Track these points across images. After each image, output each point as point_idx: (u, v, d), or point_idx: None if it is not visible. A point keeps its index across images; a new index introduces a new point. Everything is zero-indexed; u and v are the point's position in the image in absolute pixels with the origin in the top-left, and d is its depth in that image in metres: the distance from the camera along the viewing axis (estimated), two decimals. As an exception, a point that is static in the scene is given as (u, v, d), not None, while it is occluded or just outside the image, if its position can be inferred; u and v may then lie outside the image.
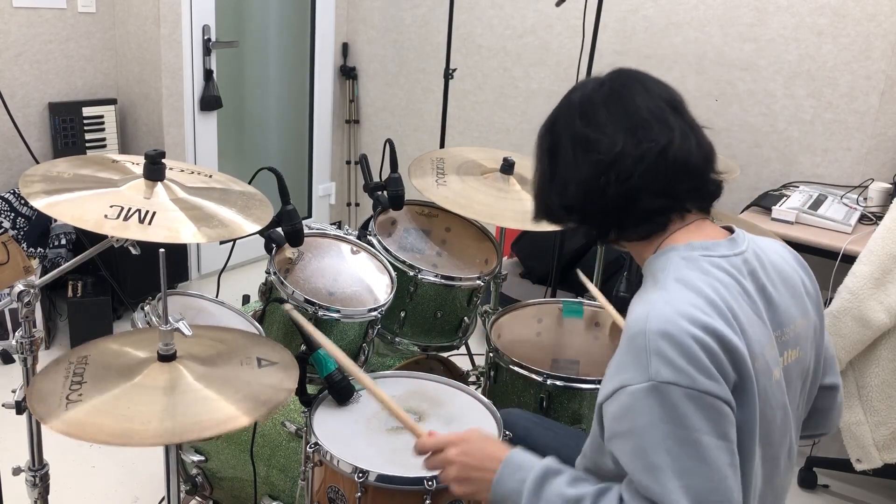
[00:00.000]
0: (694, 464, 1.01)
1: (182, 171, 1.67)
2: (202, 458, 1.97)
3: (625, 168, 1.15)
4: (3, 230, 3.10)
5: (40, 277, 1.51)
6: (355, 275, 1.90)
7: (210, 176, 1.69)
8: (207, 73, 3.59)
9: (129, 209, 1.41)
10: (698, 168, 1.18)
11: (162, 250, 1.27)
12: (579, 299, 2.15)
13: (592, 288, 1.95)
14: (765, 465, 1.16)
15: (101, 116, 3.42)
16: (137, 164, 1.61)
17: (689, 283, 1.10)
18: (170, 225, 1.41)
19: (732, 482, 1.03)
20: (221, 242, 3.67)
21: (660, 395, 1.02)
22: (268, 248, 1.81)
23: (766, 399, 1.11)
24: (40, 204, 1.39)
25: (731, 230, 1.23)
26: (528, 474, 1.16)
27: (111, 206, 1.41)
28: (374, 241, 1.99)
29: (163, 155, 1.52)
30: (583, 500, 1.10)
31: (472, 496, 1.24)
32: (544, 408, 1.81)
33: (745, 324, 1.10)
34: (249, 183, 1.75)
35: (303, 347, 1.60)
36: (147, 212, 1.42)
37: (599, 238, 1.25)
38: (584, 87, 1.23)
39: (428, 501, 1.38)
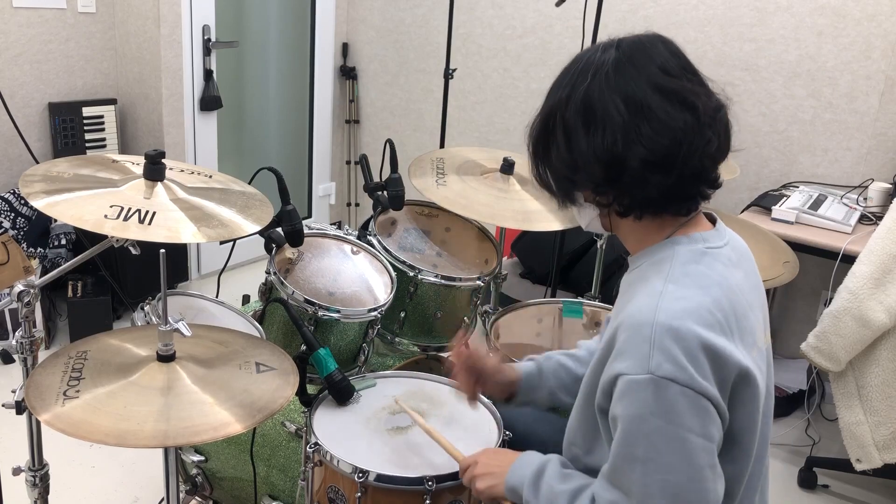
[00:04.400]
0: (676, 460, 1.02)
1: (182, 171, 1.67)
2: (202, 458, 1.97)
3: (714, 124, 1.10)
4: (3, 230, 3.09)
5: (40, 277, 1.51)
6: (355, 275, 1.90)
7: (210, 176, 1.69)
8: (207, 73, 3.59)
9: (129, 209, 1.41)
10: (730, 145, 1.17)
11: (162, 250, 1.27)
12: (579, 299, 2.15)
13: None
14: (762, 447, 1.18)
15: (101, 116, 3.42)
16: (137, 164, 1.61)
17: (698, 279, 1.10)
18: (170, 225, 1.41)
19: (711, 483, 1.04)
20: (221, 242, 3.67)
21: (656, 389, 1.02)
22: (268, 248, 1.81)
23: (765, 387, 1.14)
24: (40, 204, 1.38)
25: (709, 218, 1.23)
26: (530, 469, 1.23)
27: (111, 206, 1.41)
28: (374, 241, 1.99)
29: (163, 155, 1.51)
30: (560, 497, 1.17)
31: (492, 490, 1.30)
32: (544, 408, 1.81)
33: (744, 315, 1.11)
34: (249, 183, 1.75)
35: (303, 347, 1.60)
36: (147, 212, 1.42)
37: (635, 209, 1.14)
38: (630, 39, 1.14)
39: (428, 501, 1.38)
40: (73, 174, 1.51)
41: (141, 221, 1.39)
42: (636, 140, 1.08)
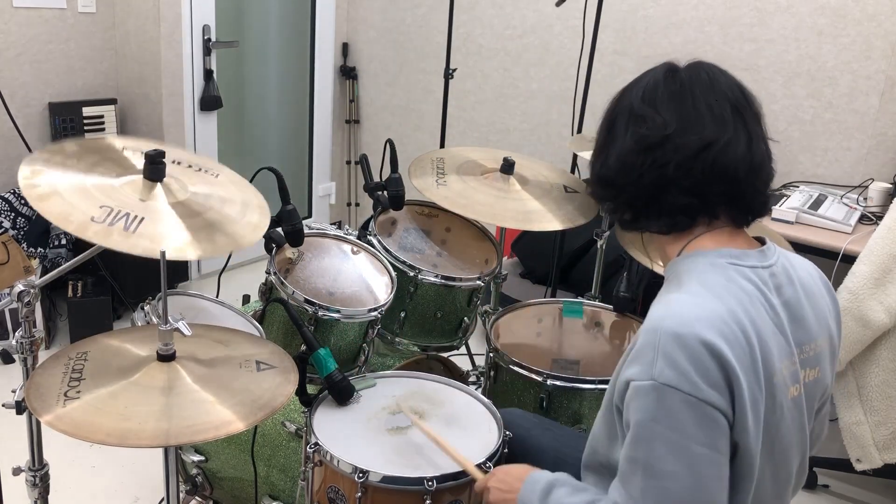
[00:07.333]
0: (677, 468, 1.01)
1: (189, 166, 1.61)
2: (202, 458, 1.97)
3: (665, 154, 1.14)
4: (3, 230, 3.10)
5: (40, 277, 1.51)
6: (355, 275, 1.90)
7: (217, 175, 1.65)
8: (207, 73, 3.59)
9: (119, 212, 1.34)
10: (736, 176, 1.14)
11: (162, 249, 1.27)
12: (579, 299, 2.15)
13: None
14: (777, 482, 1.15)
15: (101, 116, 3.42)
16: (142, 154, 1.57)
17: (713, 289, 1.09)
18: (153, 236, 1.34)
19: (715, 494, 1.03)
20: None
21: (658, 396, 1.02)
22: (268, 248, 1.81)
23: (780, 416, 1.10)
24: (32, 188, 1.36)
25: (762, 241, 1.22)
26: (538, 486, 1.22)
27: (101, 207, 1.33)
28: (374, 241, 1.99)
29: (163, 154, 1.50)
30: None
31: None
32: (544, 408, 1.81)
33: (767, 336, 1.09)
34: (250, 183, 1.74)
35: (303, 347, 1.60)
36: (135, 217, 1.35)
37: (630, 223, 1.24)
38: (655, 71, 1.23)
39: (428, 501, 1.38)
40: (76, 150, 1.48)
41: (126, 229, 1.34)
42: (597, 157, 1.25)
